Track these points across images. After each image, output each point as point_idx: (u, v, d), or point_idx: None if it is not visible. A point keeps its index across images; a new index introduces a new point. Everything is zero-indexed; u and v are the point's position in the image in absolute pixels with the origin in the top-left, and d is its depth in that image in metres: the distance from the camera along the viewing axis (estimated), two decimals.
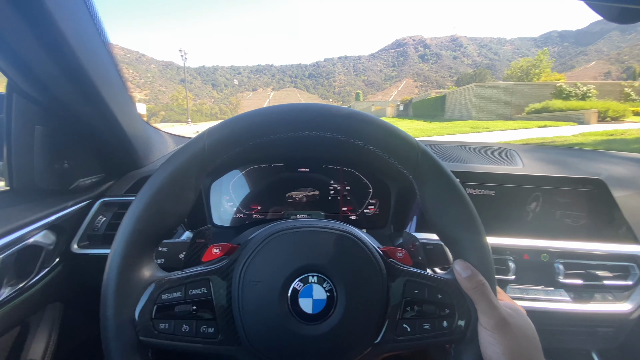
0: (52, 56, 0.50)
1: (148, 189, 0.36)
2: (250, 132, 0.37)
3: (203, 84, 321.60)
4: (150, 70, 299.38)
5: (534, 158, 0.88)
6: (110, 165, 0.77)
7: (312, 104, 0.38)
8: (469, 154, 0.90)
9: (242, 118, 0.38)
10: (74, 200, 0.65)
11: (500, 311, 0.37)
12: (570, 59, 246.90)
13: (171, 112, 77.06)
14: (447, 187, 0.39)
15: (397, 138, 0.39)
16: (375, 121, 0.39)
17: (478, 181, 0.78)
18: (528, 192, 0.78)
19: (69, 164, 0.66)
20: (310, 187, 0.84)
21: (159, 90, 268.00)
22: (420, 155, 0.39)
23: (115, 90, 0.64)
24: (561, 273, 0.69)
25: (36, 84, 0.54)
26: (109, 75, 0.62)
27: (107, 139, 0.69)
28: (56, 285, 0.62)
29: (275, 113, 0.37)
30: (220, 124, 0.38)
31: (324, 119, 0.38)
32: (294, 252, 0.39)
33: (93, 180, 0.73)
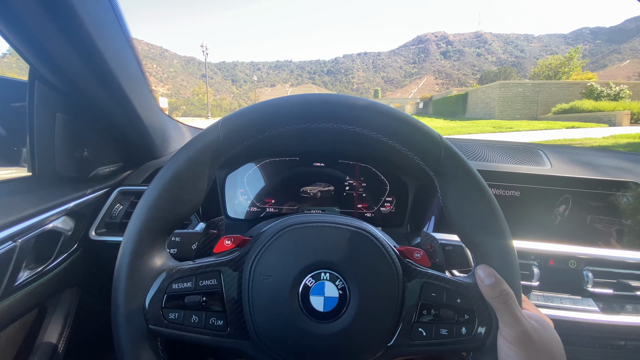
0: (73, 44, 0.50)
1: (161, 177, 0.36)
2: (265, 123, 0.36)
3: (223, 79, 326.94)
4: (173, 65, 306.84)
5: (562, 158, 0.84)
6: (128, 155, 0.78)
7: (330, 95, 0.37)
8: (492, 153, 0.86)
9: (258, 108, 0.37)
10: (92, 188, 0.67)
11: (524, 324, 0.35)
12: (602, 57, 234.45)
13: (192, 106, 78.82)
14: (472, 185, 0.37)
15: (419, 132, 0.37)
16: (396, 113, 0.37)
17: (503, 181, 0.74)
18: (556, 194, 0.74)
19: (89, 152, 0.68)
20: (325, 183, 0.83)
21: (180, 84, 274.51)
22: (444, 150, 0.37)
23: (134, 81, 0.65)
24: (590, 281, 0.65)
25: (57, 71, 0.55)
26: (129, 67, 0.63)
27: (126, 129, 0.70)
28: (74, 270, 0.64)
29: (292, 103, 0.36)
30: (235, 113, 0.38)
31: (342, 110, 0.36)
32: (307, 247, 0.38)
33: (111, 169, 0.75)
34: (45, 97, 0.59)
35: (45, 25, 0.47)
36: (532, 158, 0.84)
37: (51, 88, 0.59)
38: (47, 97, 0.59)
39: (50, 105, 0.60)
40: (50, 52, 0.51)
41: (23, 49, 0.52)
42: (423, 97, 26.14)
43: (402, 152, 0.38)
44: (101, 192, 0.69)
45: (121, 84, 0.60)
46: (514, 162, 0.81)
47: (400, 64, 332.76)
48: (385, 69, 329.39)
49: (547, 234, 0.72)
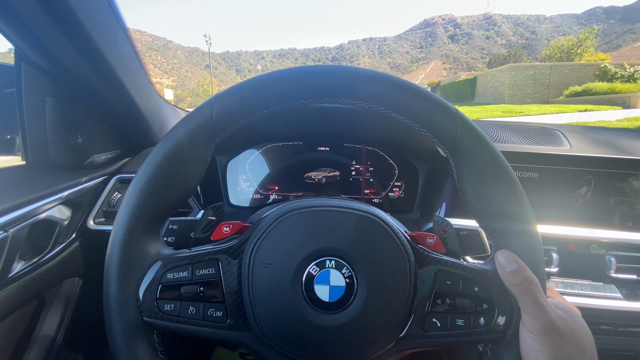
0: (58, 23, 0.48)
1: (152, 160, 0.34)
2: (263, 99, 0.33)
3: (227, 69, 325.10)
4: (177, 57, 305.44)
5: (582, 138, 0.79)
6: (126, 142, 0.76)
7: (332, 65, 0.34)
8: (507, 134, 0.82)
9: (254, 82, 0.34)
10: (88, 176, 0.65)
11: (549, 313, 0.32)
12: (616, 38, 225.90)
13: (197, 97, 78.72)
14: (492, 164, 0.34)
15: (432, 104, 0.34)
16: (405, 84, 0.34)
17: (520, 162, 0.70)
18: (578, 175, 0.70)
19: (83, 138, 0.65)
20: (330, 168, 0.80)
21: (185, 76, 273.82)
22: (460, 125, 0.34)
23: (128, 63, 0.62)
24: (613, 267, 0.62)
25: (43, 52, 0.53)
26: (120, 48, 0.60)
27: (121, 114, 0.68)
28: (73, 261, 0.63)
29: (291, 77, 0.34)
30: (230, 88, 0.35)
31: (345, 82, 0.33)
32: (310, 233, 0.35)
33: (108, 156, 0.73)
34: (33, 81, 0.57)
35: (28, 3, 0.44)
36: (549, 138, 0.80)
37: (38, 70, 0.56)
38: (35, 80, 0.57)
39: (38, 89, 0.58)
40: (35, 32, 0.48)
41: (5, 28, 0.49)
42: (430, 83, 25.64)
43: (413, 128, 0.34)
44: (98, 180, 0.67)
45: (112, 65, 0.57)
46: (531, 143, 0.77)
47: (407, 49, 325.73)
48: (391, 55, 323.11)
49: (567, 217, 0.69)
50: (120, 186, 0.70)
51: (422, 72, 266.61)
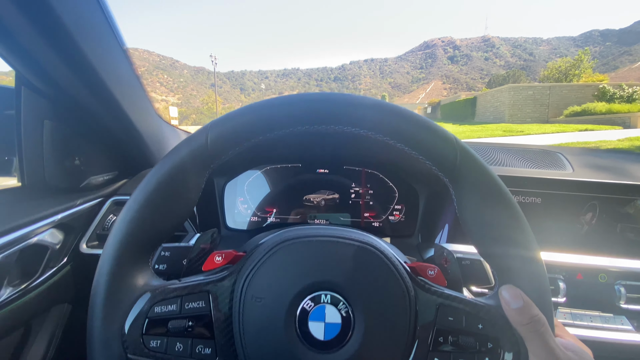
0: (57, 48, 0.48)
1: (144, 187, 0.33)
2: (258, 126, 0.33)
3: (232, 88, 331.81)
4: (183, 75, 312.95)
5: (584, 162, 0.78)
6: (123, 163, 0.75)
7: (330, 93, 0.33)
8: (508, 157, 0.81)
9: (249, 110, 0.33)
10: (83, 199, 0.63)
11: (558, 355, 0.30)
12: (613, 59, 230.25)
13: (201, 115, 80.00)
14: (492, 192, 0.33)
15: (431, 133, 0.33)
16: (405, 113, 0.33)
17: (522, 187, 0.68)
18: (582, 200, 0.67)
19: (80, 160, 0.65)
20: (329, 190, 0.79)
21: (190, 94, 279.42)
22: (460, 154, 0.33)
23: (126, 85, 0.62)
24: (623, 297, 0.59)
25: (43, 76, 0.53)
26: (119, 70, 0.60)
27: (119, 135, 0.67)
28: (63, 286, 0.60)
29: (288, 104, 0.33)
30: (225, 115, 0.34)
31: (344, 110, 0.32)
32: (305, 265, 0.34)
33: (105, 178, 0.72)
34: (32, 104, 0.57)
35: (28, 28, 0.44)
36: (552, 162, 0.78)
37: (38, 94, 0.56)
38: (34, 103, 0.57)
39: (37, 112, 0.58)
40: (35, 57, 0.48)
41: (6, 52, 0.49)
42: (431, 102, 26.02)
43: (413, 155, 0.34)
44: (93, 202, 0.66)
45: (110, 88, 0.56)
46: (533, 167, 0.75)
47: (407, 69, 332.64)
48: (392, 75, 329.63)
49: (574, 244, 0.66)
50: (115, 208, 0.69)
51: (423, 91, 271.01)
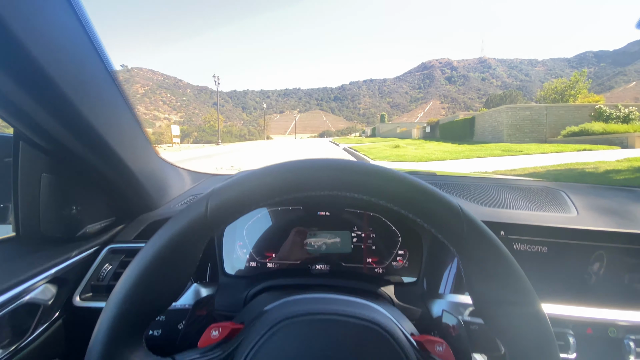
0: (54, 109, 0.47)
1: (138, 264, 0.32)
2: (260, 194, 0.32)
3: (234, 107, 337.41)
4: (186, 94, 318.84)
5: (589, 203, 0.77)
6: (122, 209, 0.73)
7: (332, 160, 0.33)
8: (510, 196, 0.80)
9: (251, 178, 0.33)
10: (79, 249, 0.62)
11: None
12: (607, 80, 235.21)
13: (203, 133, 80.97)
14: (500, 266, 0.33)
15: (437, 204, 0.33)
16: (410, 181, 0.33)
17: (528, 235, 0.66)
18: (589, 250, 0.65)
19: (77, 209, 0.63)
20: (330, 234, 0.76)
21: (193, 112, 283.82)
22: (467, 226, 0.33)
23: (126, 135, 0.61)
24: (632, 352, 0.56)
25: (41, 133, 0.52)
26: (118, 121, 0.58)
27: (118, 183, 0.65)
28: (54, 342, 0.57)
29: (290, 171, 0.33)
30: (225, 184, 0.33)
31: (346, 177, 0.32)
32: (307, 349, 0.33)
33: (102, 225, 0.69)
34: (30, 158, 0.56)
35: (23, 91, 0.43)
36: (555, 202, 0.77)
37: (36, 148, 0.55)
38: (32, 157, 0.56)
39: (35, 165, 0.57)
40: (30, 116, 0.47)
41: (2, 113, 0.48)
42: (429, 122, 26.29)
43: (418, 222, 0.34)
44: (89, 252, 0.63)
45: (109, 141, 0.55)
46: (537, 208, 0.74)
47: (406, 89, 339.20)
48: (391, 95, 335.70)
49: (582, 296, 0.63)
50: (111, 257, 0.66)
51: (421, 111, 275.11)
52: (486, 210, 0.72)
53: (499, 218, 0.68)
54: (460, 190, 0.84)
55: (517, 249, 0.65)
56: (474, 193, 0.82)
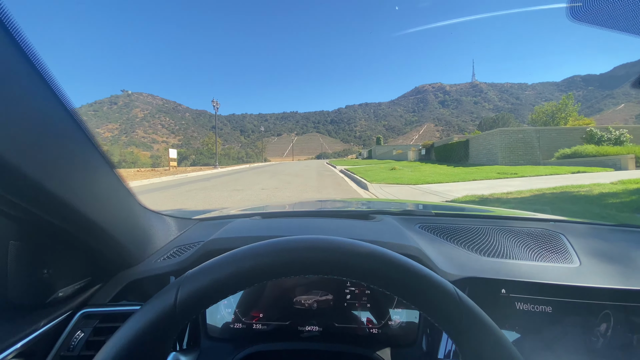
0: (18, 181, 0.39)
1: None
2: (236, 280, 0.30)
3: (232, 130, 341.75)
4: (185, 118, 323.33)
5: (590, 249, 0.73)
6: (97, 268, 0.65)
7: (319, 240, 0.30)
8: (510, 242, 0.76)
9: (226, 262, 0.30)
10: (49, 317, 0.54)
11: None
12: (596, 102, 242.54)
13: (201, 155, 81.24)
14: (499, 354, 0.31)
15: (434, 289, 0.31)
16: (405, 265, 0.31)
17: (530, 293, 0.62)
18: (595, 309, 0.61)
19: (49, 273, 0.56)
20: (322, 291, 0.70)
21: (191, 136, 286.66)
22: (465, 313, 0.31)
23: (97, 188, 0.52)
24: None
25: (6, 202, 0.45)
26: (86, 173, 0.49)
27: (92, 244, 0.58)
28: None
29: (269, 253, 0.30)
30: (198, 269, 0.31)
31: (335, 259, 0.30)
32: None
33: (76, 287, 0.62)
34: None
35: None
36: (555, 249, 0.73)
37: (3, 216, 0.50)
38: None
39: (2, 233, 0.51)
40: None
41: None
42: (425, 144, 26.61)
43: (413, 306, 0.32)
44: (60, 318, 0.56)
45: (76, 204, 0.47)
46: (538, 257, 0.70)
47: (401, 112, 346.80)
48: (386, 118, 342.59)
49: (592, 359, 0.59)
50: (84, 323, 0.59)
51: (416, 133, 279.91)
52: (486, 261, 0.69)
53: (499, 273, 0.64)
54: (458, 235, 0.79)
55: (520, 308, 0.61)
56: (472, 238, 0.78)
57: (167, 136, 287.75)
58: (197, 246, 0.71)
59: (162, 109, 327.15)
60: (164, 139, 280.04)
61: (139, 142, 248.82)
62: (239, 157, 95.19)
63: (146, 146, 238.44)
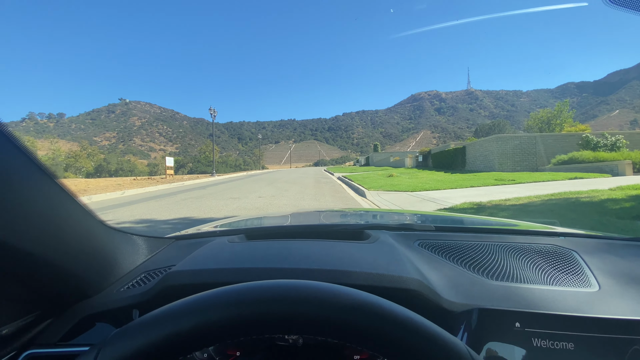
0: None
1: None
2: (176, 345, 0.24)
3: (230, 137, 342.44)
4: (183, 126, 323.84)
5: (608, 269, 0.66)
6: (47, 300, 0.54)
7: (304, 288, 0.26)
8: (519, 262, 0.68)
9: (166, 316, 0.25)
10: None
11: None
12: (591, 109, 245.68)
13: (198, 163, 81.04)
14: None
15: (443, 351, 0.26)
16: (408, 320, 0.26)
17: (548, 327, 0.52)
18: (622, 344, 0.53)
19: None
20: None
21: (188, 144, 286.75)
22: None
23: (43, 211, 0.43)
24: None
25: None
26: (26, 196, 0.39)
27: (40, 273, 0.46)
28: None
29: (226, 306, 0.24)
30: (127, 327, 0.26)
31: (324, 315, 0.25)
32: None
33: (20, 324, 0.50)
34: None
35: None
36: (569, 270, 0.66)
37: None
38: None
39: None
40: None
41: None
42: (422, 151, 26.65)
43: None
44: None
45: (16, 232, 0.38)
46: (551, 280, 0.62)
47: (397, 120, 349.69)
48: (383, 125, 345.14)
49: None
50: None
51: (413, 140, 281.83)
52: (495, 287, 0.60)
53: (511, 302, 0.55)
54: (461, 254, 0.72)
55: (538, 345, 0.51)
56: (478, 258, 0.70)
57: (165, 144, 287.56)
58: (163, 274, 0.61)
59: (159, 117, 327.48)
60: (161, 147, 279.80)
61: (136, 151, 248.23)
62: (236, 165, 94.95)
63: (143, 154, 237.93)
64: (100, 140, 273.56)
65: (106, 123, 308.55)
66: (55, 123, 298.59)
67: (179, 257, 0.71)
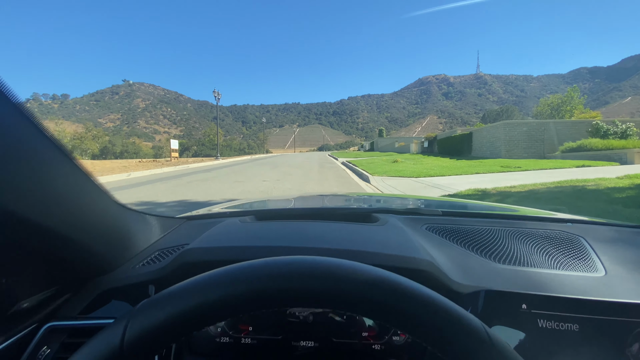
0: None
1: None
2: (203, 315, 0.25)
3: (234, 121, 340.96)
4: (187, 109, 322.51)
5: (615, 254, 0.67)
6: (66, 275, 0.56)
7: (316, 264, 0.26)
8: (526, 247, 0.69)
9: (193, 287, 0.26)
10: (9, 333, 0.48)
11: None
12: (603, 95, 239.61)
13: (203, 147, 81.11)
14: None
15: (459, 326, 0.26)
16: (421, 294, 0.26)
17: (554, 309, 0.55)
18: (626, 327, 0.54)
19: (8, 282, 0.47)
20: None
21: (192, 126, 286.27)
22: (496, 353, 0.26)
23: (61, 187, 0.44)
24: None
25: None
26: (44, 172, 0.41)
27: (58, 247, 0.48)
28: None
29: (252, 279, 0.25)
30: (154, 299, 0.26)
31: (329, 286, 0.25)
32: None
33: (41, 297, 0.53)
34: None
35: None
36: (576, 255, 0.66)
37: None
38: None
39: None
40: None
41: None
42: (428, 136, 26.33)
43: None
44: (22, 333, 0.49)
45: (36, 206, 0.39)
46: (558, 265, 0.63)
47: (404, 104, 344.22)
48: (389, 110, 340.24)
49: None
50: (50, 338, 0.51)
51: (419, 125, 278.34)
52: (502, 270, 0.61)
53: (517, 285, 0.57)
54: (469, 238, 0.72)
55: (543, 326, 0.54)
56: (485, 242, 0.71)
57: (169, 127, 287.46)
58: (179, 251, 0.63)
59: (163, 99, 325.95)
60: (165, 129, 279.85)
61: (140, 133, 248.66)
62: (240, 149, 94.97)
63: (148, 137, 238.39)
64: (104, 122, 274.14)
65: (110, 104, 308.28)
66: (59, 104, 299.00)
67: (191, 236, 0.73)
